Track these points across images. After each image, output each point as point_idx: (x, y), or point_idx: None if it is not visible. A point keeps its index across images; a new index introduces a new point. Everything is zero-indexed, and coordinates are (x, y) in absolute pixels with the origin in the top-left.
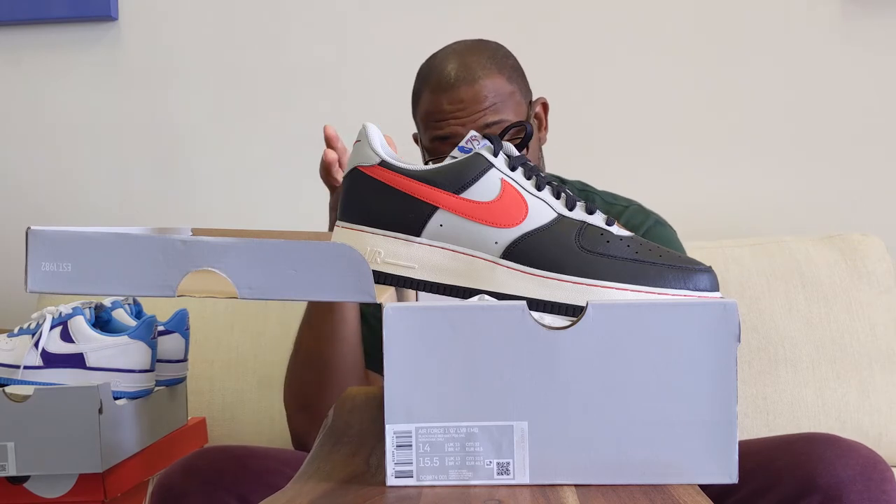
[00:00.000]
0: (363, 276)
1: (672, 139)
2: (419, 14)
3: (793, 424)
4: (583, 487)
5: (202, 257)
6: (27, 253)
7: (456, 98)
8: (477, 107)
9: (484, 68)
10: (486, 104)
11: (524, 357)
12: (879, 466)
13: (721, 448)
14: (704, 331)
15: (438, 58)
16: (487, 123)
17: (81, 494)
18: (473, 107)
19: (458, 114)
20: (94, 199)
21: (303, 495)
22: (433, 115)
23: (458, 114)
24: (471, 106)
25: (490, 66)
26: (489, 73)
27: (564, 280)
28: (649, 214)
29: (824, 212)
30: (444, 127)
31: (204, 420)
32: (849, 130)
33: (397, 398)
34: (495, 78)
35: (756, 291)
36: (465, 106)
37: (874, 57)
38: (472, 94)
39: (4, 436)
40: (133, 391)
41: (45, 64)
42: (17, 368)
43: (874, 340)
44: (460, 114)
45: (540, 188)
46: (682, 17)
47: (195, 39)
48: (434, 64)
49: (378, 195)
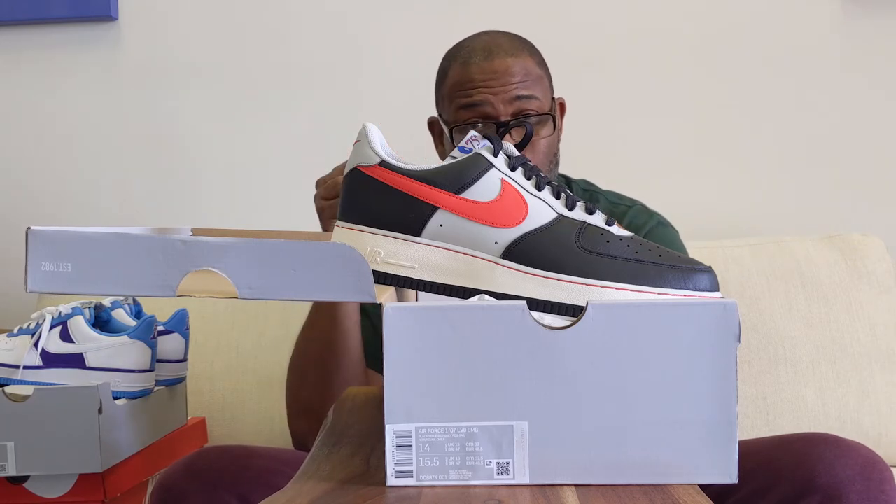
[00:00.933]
0: (363, 276)
1: (672, 139)
2: (419, 14)
3: (793, 424)
4: (583, 487)
5: (202, 257)
6: (27, 253)
7: (489, 68)
8: (509, 79)
9: (517, 48)
10: (517, 78)
11: (524, 357)
12: (879, 466)
13: (721, 448)
14: (704, 331)
15: (469, 38)
16: (518, 96)
17: (81, 494)
18: (506, 78)
19: (489, 83)
20: (94, 199)
21: (303, 495)
22: (463, 84)
23: (490, 83)
24: (503, 77)
25: (522, 49)
26: (522, 53)
27: (564, 280)
28: (652, 215)
29: (824, 212)
30: (474, 94)
31: (204, 420)
32: (849, 130)
33: (397, 398)
34: (527, 59)
35: (756, 291)
36: (498, 77)
37: (874, 57)
38: (504, 66)
39: (4, 436)
40: (133, 391)
41: (45, 64)
42: (16, 368)
43: (874, 340)
44: (492, 83)
45: (540, 188)
46: (683, 18)
47: (195, 39)
48: (465, 42)
49: (378, 195)
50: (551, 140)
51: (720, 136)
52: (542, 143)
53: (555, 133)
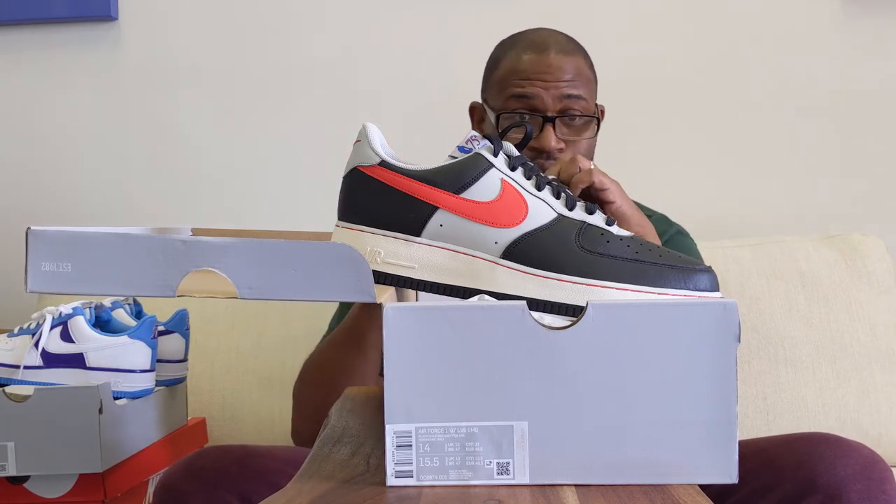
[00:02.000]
0: (363, 276)
1: (672, 139)
2: (419, 14)
3: (793, 424)
4: (583, 487)
5: (202, 257)
6: (27, 253)
7: (545, 62)
8: (563, 75)
9: (572, 48)
10: (570, 76)
11: (524, 357)
12: (879, 466)
13: (721, 448)
14: (704, 331)
15: (526, 31)
16: (567, 94)
17: (81, 494)
18: (560, 74)
19: (544, 76)
20: (94, 199)
21: (303, 495)
22: (518, 73)
23: (545, 76)
24: (557, 73)
25: (577, 49)
26: (576, 53)
27: (564, 280)
28: (672, 224)
29: (824, 212)
30: (527, 86)
31: (204, 420)
32: (849, 131)
33: (397, 398)
34: (580, 60)
35: (756, 291)
36: (553, 71)
37: (874, 57)
38: (560, 63)
39: (4, 436)
40: (133, 391)
41: (45, 64)
42: (17, 368)
43: (874, 340)
44: (546, 76)
45: (540, 188)
46: (682, 19)
47: (195, 39)
48: (522, 33)
49: (378, 195)
50: (591, 143)
51: (720, 136)
52: (584, 143)
53: (595, 137)
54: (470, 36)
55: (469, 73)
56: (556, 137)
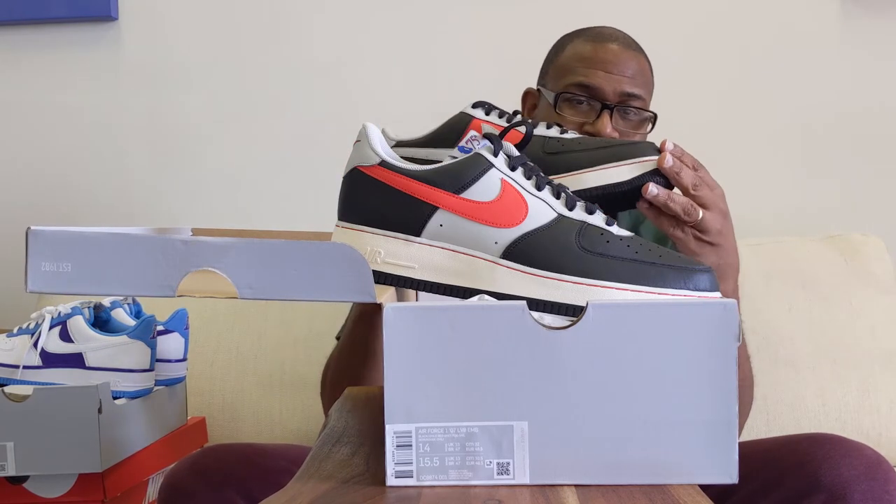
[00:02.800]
0: (363, 276)
1: (671, 140)
2: (421, 13)
3: (793, 424)
4: (583, 487)
5: (202, 257)
6: (27, 253)
7: (612, 53)
8: (626, 70)
9: (639, 48)
10: (631, 72)
11: (524, 357)
12: (883, 466)
13: (721, 448)
14: (704, 331)
15: (597, 25)
16: (627, 92)
17: (81, 494)
18: (623, 68)
19: (608, 67)
20: (94, 199)
21: (303, 495)
22: (584, 61)
23: (609, 67)
24: (622, 66)
25: (641, 51)
26: (641, 54)
27: (564, 280)
28: None
29: (824, 212)
30: (591, 75)
31: (203, 420)
32: (849, 131)
33: (397, 398)
34: (644, 62)
35: (756, 291)
36: (618, 64)
37: (874, 57)
38: (625, 57)
39: (4, 436)
40: (132, 391)
41: (45, 64)
42: (16, 368)
43: (874, 340)
44: (611, 68)
45: (540, 188)
46: (682, 19)
47: (195, 39)
48: (591, 27)
49: (378, 195)
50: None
51: (720, 136)
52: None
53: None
54: (471, 36)
55: (469, 73)
56: (612, 126)
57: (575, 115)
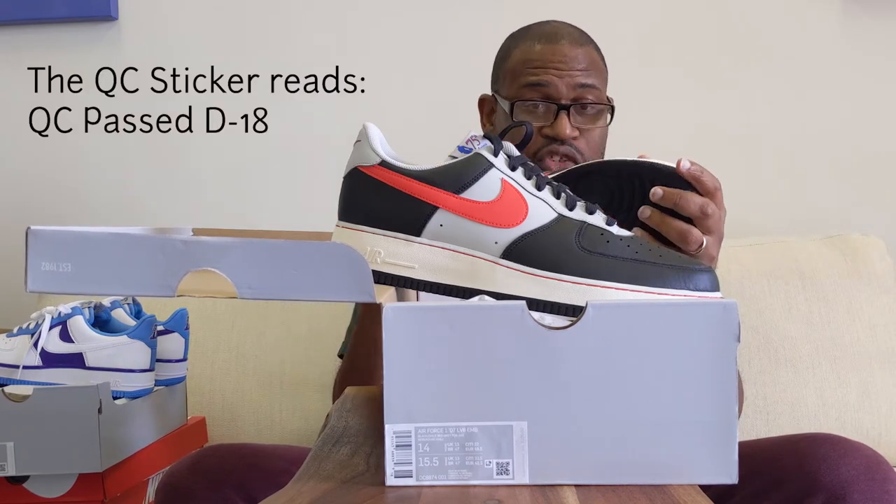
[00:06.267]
0: (363, 276)
1: (671, 140)
2: (421, 13)
3: (793, 424)
4: (583, 487)
5: (202, 257)
6: (27, 253)
7: (559, 51)
8: (576, 65)
9: (585, 38)
10: (582, 66)
11: (524, 357)
12: (883, 466)
13: (721, 448)
14: (704, 331)
15: (537, 23)
16: (581, 84)
17: (81, 494)
18: (574, 63)
19: (558, 65)
20: (94, 198)
21: (303, 495)
22: (531, 63)
23: (559, 65)
24: (571, 62)
25: (589, 40)
26: (588, 43)
27: (564, 280)
28: None
29: (824, 212)
30: (541, 74)
31: (203, 419)
32: (849, 131)
33: (397, 398)
34: (593, 50)
35: (756, 291)
36: (567, 61)
37: (874, 57)
38: (574, 53)
39: (4, 436)
40: (133, 391)
41: (45, 64)
42: (16, 368)
43: (874, 340)
44: (560, 66)
45: (540, 188)
46: (682, 19)
47: (195, 39)
48: (534, 25)
49: (378, 195)
50: (604, 132)
51: (720, 136)
52: (596, 133)
53: (607, 127)
54: (471, 36)
55: (469, 73)
56: (571, 125)
57: (532, 120)
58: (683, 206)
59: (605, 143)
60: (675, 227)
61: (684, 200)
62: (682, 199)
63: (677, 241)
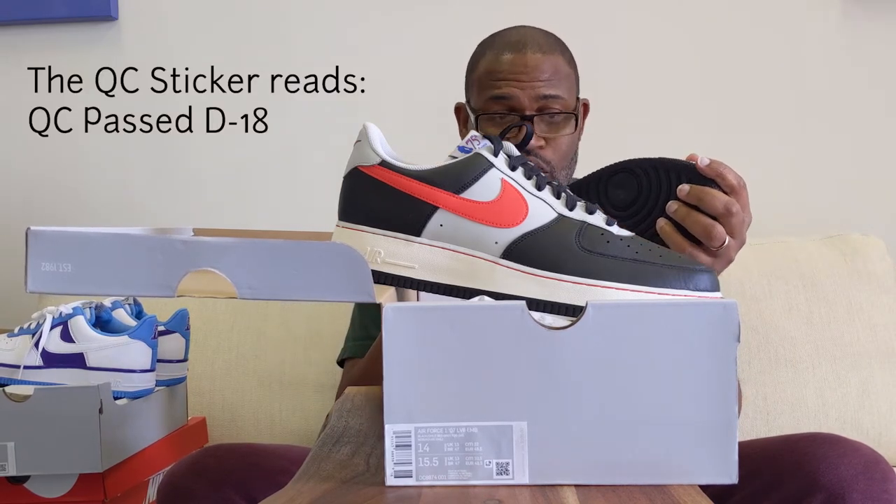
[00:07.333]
0: (363, 276)
1: (671, 140)
2: (421, 13)
3: (793, 424)
4: (583, 487)
5: (202, 257)
6: (27, 253)
7: (520, 62)
8: (538, 75)
9: (550, 45)
10: (546, 75)
11: (524, 357)
12: (882, 466)
13: (721, 448)
14: (704, 331)
15: (504, 30)
16: (544, 95)
17: (81, 494)
18: (535, 74)
19: (519, 76)
20: (94, 198)
21: (303, 495)
22: (494, 75)
23: (520, 77)
24: (532, 73)
25: (555, 46)
26: (554, 50)
27: (564, 280)
28: None
29: (824, 212)
30: (503, 86)
31: (204, 419)
32: (849, 130)
33: (397, 398)
34: (558, 56)
35: (756, 291)
36: (528, 71)
37: (874, 57)
38: (535, 62)
39: (4, 436)
40: (133, 391)
41: (45, 64)
42: (17, 368)
43: (874, 340)
44: (522, 77)
45: (540, 188)
46: (682, 19)
47: (195, 39)
48: (501, 33)
49: (378, 195)
50: (572, 139)
51: (720, 136)
52: (563, 140)
53: (576, 133)
54: (472, 36)
55: None
56: (536, 135)
57: (498, 131)
58: (708, 202)
59: (576, 148)
60: (700, 221)
61: (709, 196)
62: (708, 195)
63: (701, 235)
